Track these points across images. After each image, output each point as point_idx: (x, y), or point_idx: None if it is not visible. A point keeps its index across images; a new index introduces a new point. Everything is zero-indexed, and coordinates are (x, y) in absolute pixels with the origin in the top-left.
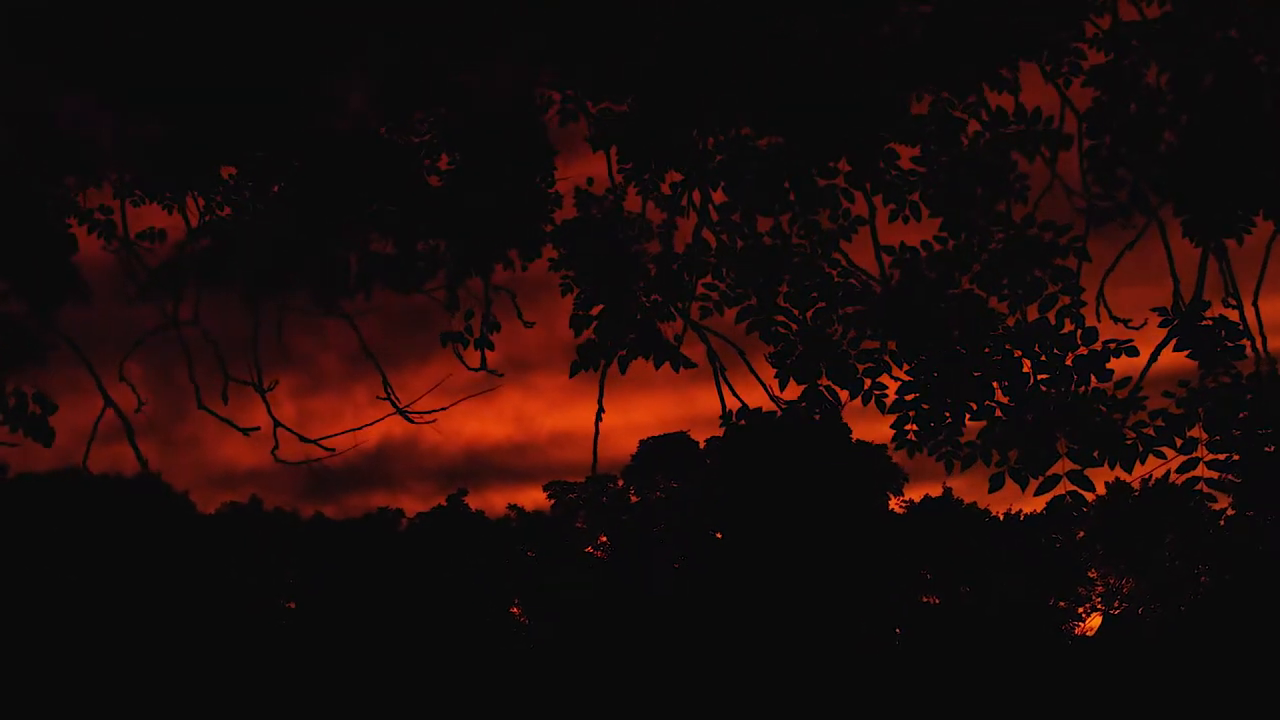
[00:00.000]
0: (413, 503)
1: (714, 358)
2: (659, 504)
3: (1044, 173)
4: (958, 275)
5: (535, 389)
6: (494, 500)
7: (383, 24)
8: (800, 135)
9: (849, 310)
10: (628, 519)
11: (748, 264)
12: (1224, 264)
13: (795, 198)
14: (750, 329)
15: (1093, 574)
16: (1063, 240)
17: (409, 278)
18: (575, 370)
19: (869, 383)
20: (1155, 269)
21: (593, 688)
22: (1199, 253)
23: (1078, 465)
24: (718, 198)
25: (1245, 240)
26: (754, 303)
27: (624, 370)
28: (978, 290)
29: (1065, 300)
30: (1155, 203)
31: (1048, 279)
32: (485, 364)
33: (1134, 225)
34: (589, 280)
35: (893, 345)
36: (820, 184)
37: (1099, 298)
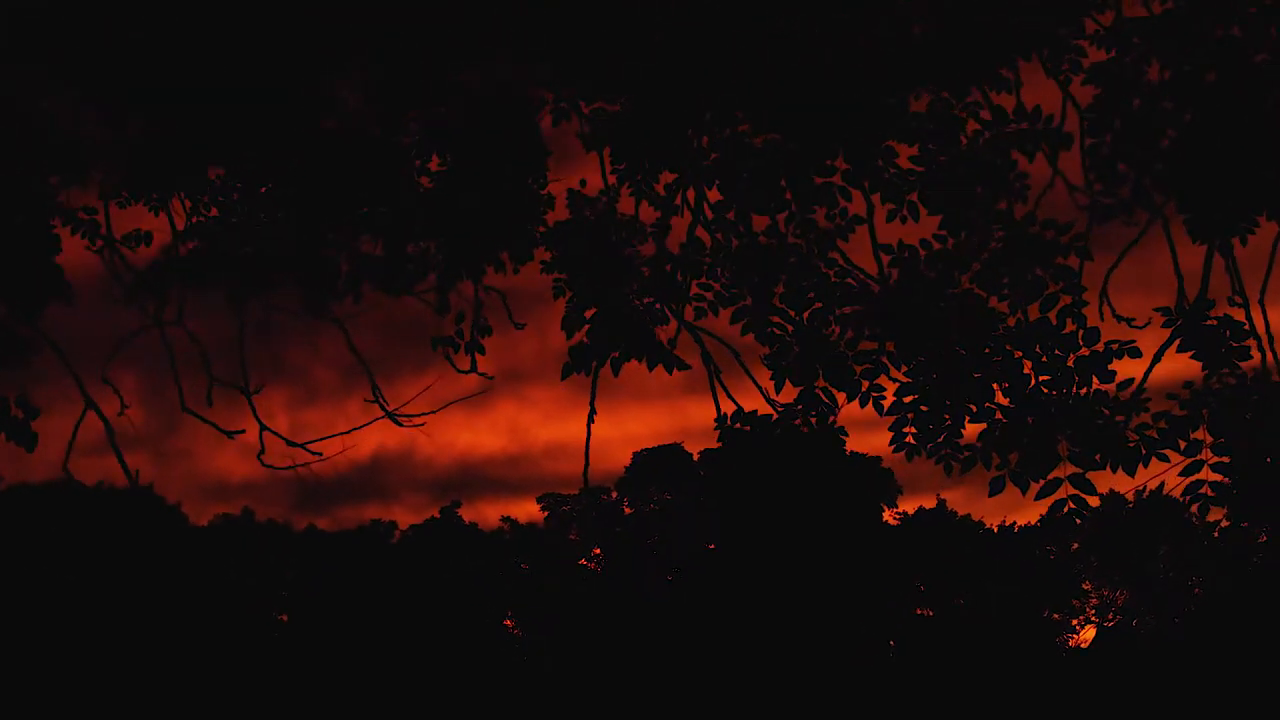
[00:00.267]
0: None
1: (709, 360)
2: (653, 516)
3: (1045, 170)
4: (957, 274)
5: (529, 401)
6: (487, 512)
7: (381, 23)
8: (799, 134)
9: (846, 311)
10: (621, 531)
11: (743, 263)
12: (1230, 261)
13: (792, 196)
14: (745, 330)
15: (1087, 586)
16: (1064, 239)
17: (399, 280)
18: (567, 372)
19: (867, 384)
20: (1159, 269)
21: (586, 700)
22: (1204, 251)
23: (1079, 468)
24: (713, 196)
25: (1252, 241)
26: (749, 303)
27: (616, 372)
28: (978, 290)
29: (1067, 300)
30: (1159, 199)
31: (1049, 278)
32: (475, 366)
33: (1137, 222)
34: (582, 283)
35: (891, 346)
36: (817, 182)
37: (1102, 296)
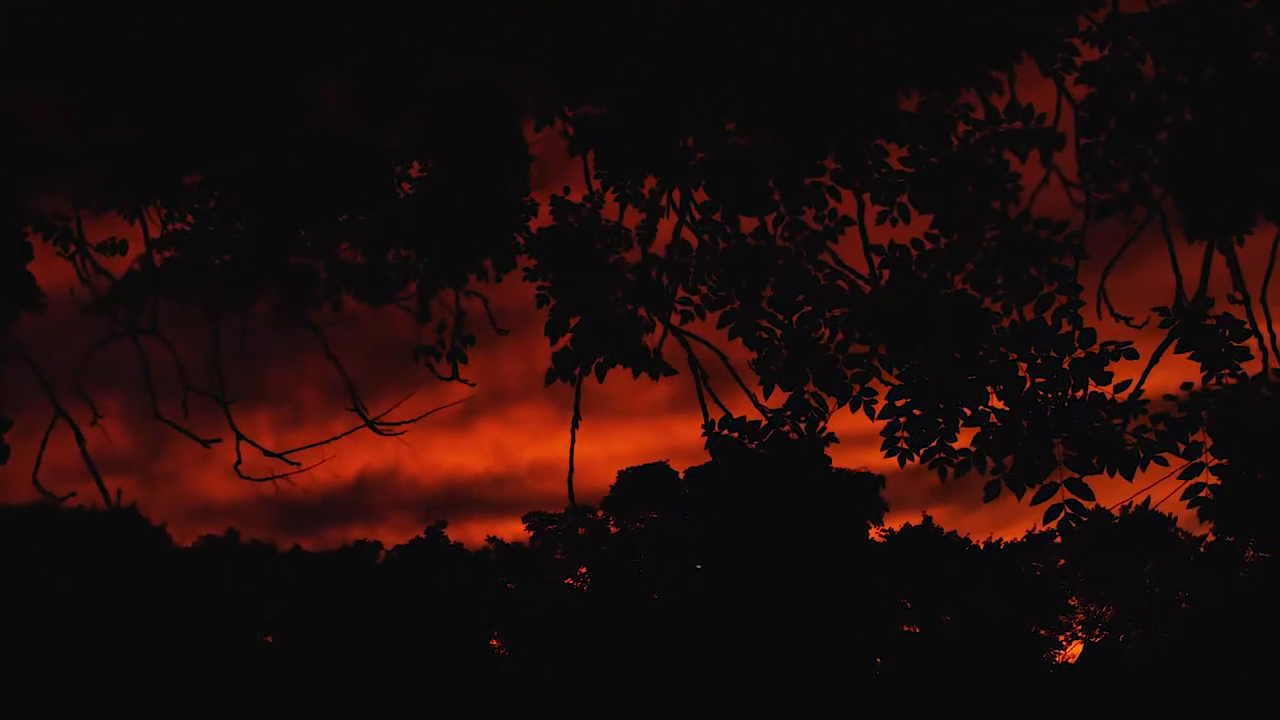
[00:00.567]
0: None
1: (696, 366)
2: (639, 535)
3: (1039, 169)
4: (950, 275)
5: (514, 420)
6: (473, 532)
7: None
8: (796, 135)
9: (836, 313)
10: (607, 550)
11: (730, 265)
12: (1230, 258)
13: (780, 197)
14: (733, 334)
15: (1073, 601)
16: (1059, 238)
17: (379, 288)
18: (551, 379)
19: (858, 388)
20: (1157, 271)
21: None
22: (1203, 249)
23: (1076, 473)
24: (699, 196)
25: (1251, 241)
26: (737, 306)
27: (601, 378)
28: (971, 290)
29: (1062, 300)
30: (1157, 194)
31: (1044, 278)
32: (457, 373)
33: (1134, 219)
34: (566, 290)
35: (882, 349)
36: (806, 183)
37: (1100, 293)
